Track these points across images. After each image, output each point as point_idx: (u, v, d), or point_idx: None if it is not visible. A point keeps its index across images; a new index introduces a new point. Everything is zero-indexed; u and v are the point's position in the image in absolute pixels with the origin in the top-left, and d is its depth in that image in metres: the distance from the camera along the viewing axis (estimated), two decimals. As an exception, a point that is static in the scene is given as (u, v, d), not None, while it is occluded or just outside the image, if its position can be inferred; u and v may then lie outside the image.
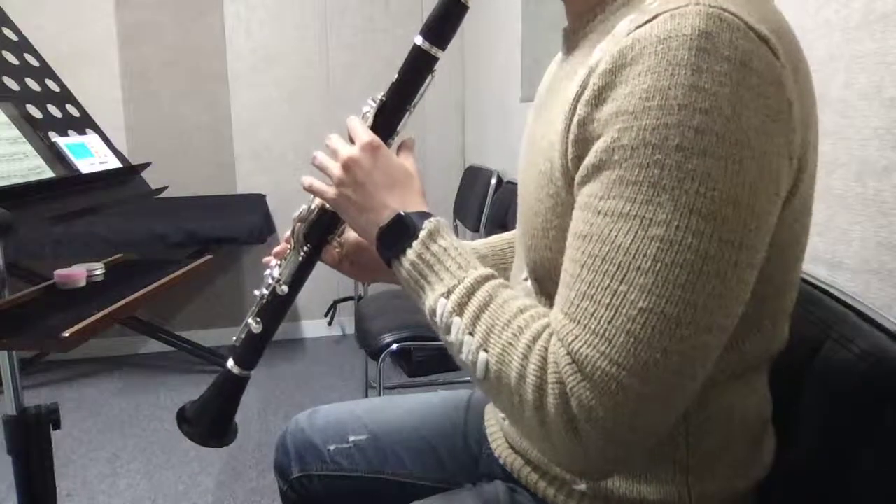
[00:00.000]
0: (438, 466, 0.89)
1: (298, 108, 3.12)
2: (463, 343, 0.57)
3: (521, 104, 2.41)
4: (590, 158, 0.52)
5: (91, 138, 1.14)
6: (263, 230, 2.74)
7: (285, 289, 0.76)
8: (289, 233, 0.78)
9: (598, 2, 0.62)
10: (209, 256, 1.28)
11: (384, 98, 0.71)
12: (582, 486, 0.67)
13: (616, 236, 0.50)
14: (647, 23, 0.50)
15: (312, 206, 0.76)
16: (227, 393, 0.81)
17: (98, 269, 1.10)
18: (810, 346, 0.69)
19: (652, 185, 0.48)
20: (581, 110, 0.53)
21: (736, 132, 0.47)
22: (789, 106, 0.50)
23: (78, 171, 1.04)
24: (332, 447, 0.93)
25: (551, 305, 0.56)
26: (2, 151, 0.94)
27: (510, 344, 0.54)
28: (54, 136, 1.05)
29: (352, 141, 0.69)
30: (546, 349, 0.53)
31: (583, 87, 0.54)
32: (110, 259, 1.18)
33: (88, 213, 1.02)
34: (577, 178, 0.55)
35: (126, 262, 1.21)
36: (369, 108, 0.72)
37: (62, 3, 2.82)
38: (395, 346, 1.79)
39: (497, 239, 0.95)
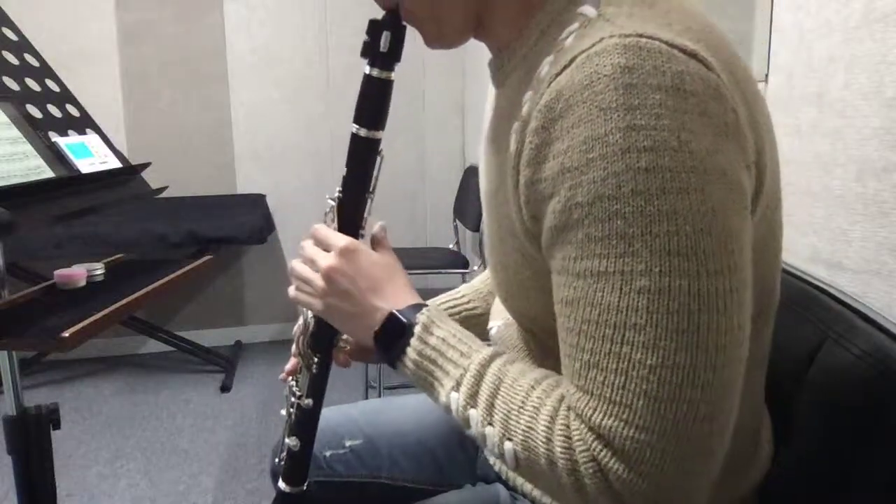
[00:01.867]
0: (436, 469, 0.89)
1: (298, 108, 3.12)
2: (486, 436, 0.55)
3: (521, 104, 2.40)
4: (549, 221, 0.51)
5: (91, 138, 1.14)
6: (263, 230, 2.74)
7: (310, 402, 0.76)
8: (294, 348, 0.78)
9: (510, 35, 0.61)
10: (209, 256, 1.28)
11: (341, 194, 0.70)
12: None
13: (602, 297, 0.47)
14: (565, 69, 0.49)
15: (309, 318, 0.75)
16: None
17: (98, 269, 1.10)
18: (810, 346, 0.69)
19: (620, 237, 0.46)
20: (524, 171, 0.52)
21: (688, 160, 0.45)
22: (735, 115, 0.48)
23: (78, 171, 1.04)
24: (328, 453, 0.92)
25: (545, 342, 0.55)
26: (2, 151, 0.94)
27: (530, 428, 0.52)
28: (54, 136, 1.05)
29: (326, 249, 0.67)
30: (567, 427, 0.50)
31: (519, 145, 0.53)
32: (110, 259, 1.18)
33: (88, 213, 1.02)
34: (544, 242, 0.53)
35: (126, 262, 1.21)
36: (330, 209, 0.71)
37: (62, 3, 2.82)
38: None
39: (479, 282, 0.94)
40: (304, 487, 0.80)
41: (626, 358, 0.47)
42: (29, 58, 1.14)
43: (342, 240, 0.66)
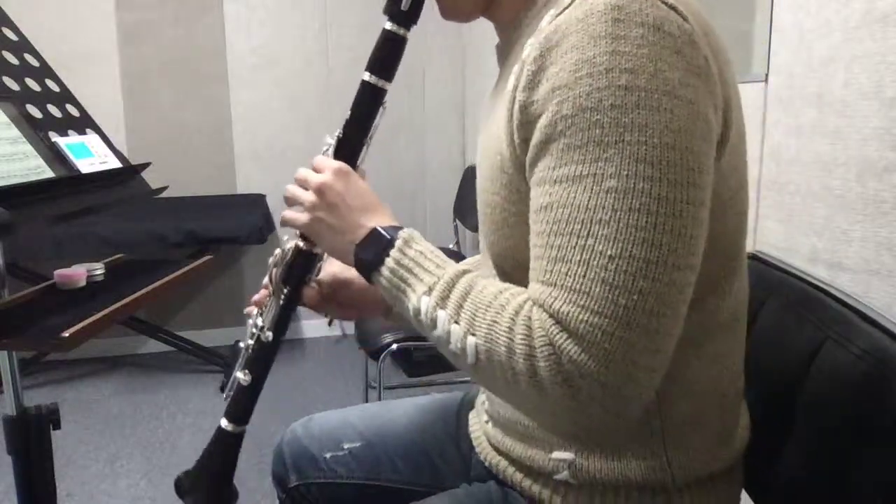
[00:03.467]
0: (432, 471, 0.90)
1: (298, 108, 3.12)
2: (450, 333, 0.59)
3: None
4: (536, 137, 0.56)
5: (91, 138, 1.13)
6: (263, 230, 2.74)
7: (269, 335, 0.77)
8: (266, 279, 0.79)
9: (522, 8, 0.67)
10: (209, 256, 1.28)
11: (341, 134, 0.74)
12: (564, 475, 0.68)
13: (574, 197, 0.53)
14: (564, 10, 0.56)
15: (286, 249, 0.77)
16: (223, 452, 0.80)
17: (98, 269, 1.10)
18: (810, 346, 0.69)
19: (597, 143, 0.52)
20: (520, 97, 0.58)
21: (661, 84, 0.52)
22: (706, 61, 0.55)
23: (78, 171, 1.04)
24: (328, 455, 0.93)
25: (517, 280, 0.59)
26: (2, 151, 0.94)
27: (494, 322, 0.56)
28: (54, 136, 1.05)
29: (320, 172, 0.71)
30: (530, 318, 0.55)
31: (517, 78, 0.58)
32: (110, 259, 1.18)
33: (88, 213, 1.02)
34: (528, 159, 0.58)
35: (126, 262, 1.21)
36: (328, 147, 0.75)
37: (62, 3, 2.82)
38: (394, 346, 1.79)
39: (473, 260, 0.96)
40: (244, 429, 0.79)
41: (588, 249, 0.52)
42: (29, 58, 1.14)
43: (336, 162, 0.72)
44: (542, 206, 0.56)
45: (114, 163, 1.13)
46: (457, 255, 2.87)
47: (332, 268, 0.85)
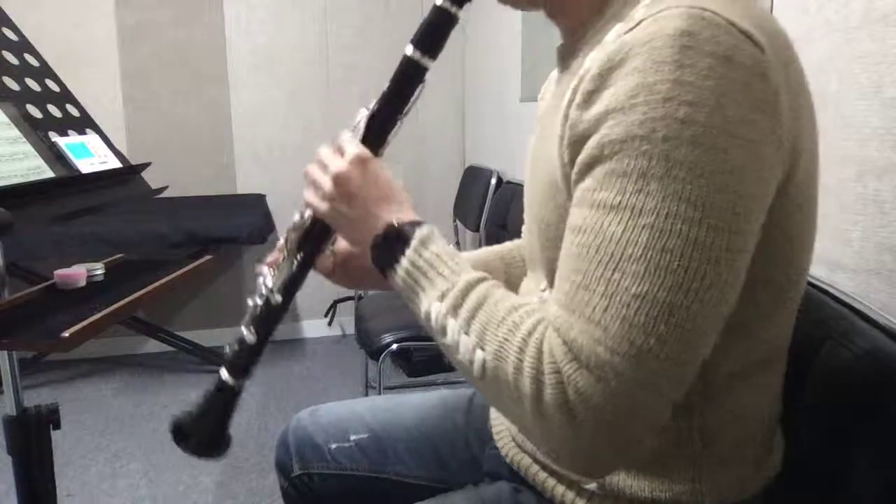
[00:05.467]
0: (440, 466, 0.89)
1: (298, 108, 3.12)
2: (459, 343, 0.58)
3: (520, 104, 2.41)
4: (583, 157, 0.54)
5: (91, 138, 1.13)
6: (263, 230, 2.73)
7: (279, 298, 0.76)
8: (282, 241, 0.78)
9: (589, 16, 0.65)
10: (209, 256, 1.28)
11: (375, 108, 0.71)
12: (592, 485, 0.67)
13: (608, 227, 0.51)
14: (632, 29, 0.53)
15: (306, 216, 0.76)
16: (221, 403, 0.80)
17: (98, 269, 1.10)
18: (810, 346, 0.69)
19: (641, 175, 0.50)
20: (573, 114, 0.55)
21: (721, 122, 0.49)
22: (775, 96, 0.51)
23: (78, 171, 1.04)
24: (333, 445, 0.93)
25: None
26: (2, 151, 0.94)
27: (506, 340, 0.55)
28: (54, 136, 1.05)
29: (342, 154, 0.70)
30: (542, 341, 0.53)
31: (574, 93, 0.56)
32: (110, 259, 1.18)
33: (88, 213, 1.02)
34: (573, 176, 0.56)
35: (126, 262, 1.21)
36: (361, 119, 0.72)
37: (62, 3, 2.81)
38: (394, 346, 1.79)
39: (483, 252, 0.95)
40: (243, 383, 0.78)
41: (614, 283, 0.50)
42: (29, 58, 1.14)
43: (358, 148, 0.69)
44: (576, 227, 0.54)
45: (114, 163, 1.13)
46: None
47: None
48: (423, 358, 1.81)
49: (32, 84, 1.10)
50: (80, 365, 2.93)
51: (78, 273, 1.06)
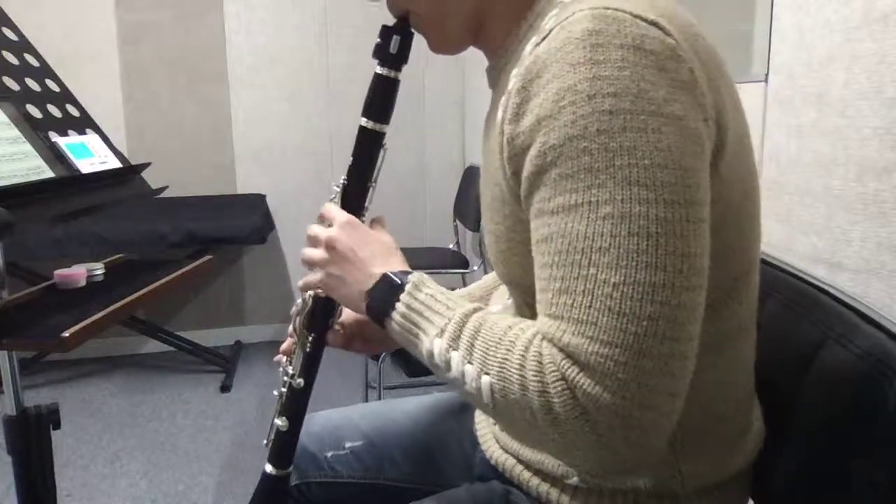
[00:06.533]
0: (435, 470, 0.90)
1: (298, 108, 3.12)
2: (465, 374, 0.58)
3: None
4: (527, 169, 0.56)
5: (91, 138, 1.14)
6: (263, 230, 2.73)
7: (301, 381, 0.79)
8: (291, 328, 0.81)
9: (505, 37, 0.68)
10: (209, 256, 1.28)
11: (345, 182, 0.76)
12: (574, 480, 0.68)
13: (572, 227, 0.52)
14: (543, 40, 0.56)
15: (307, 298, 0.79)
16: (273, 496, 0.83)
17: (98, 269, 1.10)
18: (810, 346, 0.69)
19: (587, 170, 0.52)
20: (507, 129, 0.58)
21: (646, 105, 0.51)
22: (691, 73, 0.54)
23: (78, 171, 1.04)
24: (329, 454, 0.93)
25: (534, 314, 0.58)
26: (2, 151, 0.94)
27: (506, 359, 0.55)
28: (54, 136, 1.05)
29: (329, 225, 0.73)
30: (540, 353, 0.54)
31: (504, 110, 0.58)
32: (110, 259, 1.18)
33: (88, 213, 1.02)
34: (523, 191, 0.58)
35: (126, 262, 1.21)
36: (335, 194, 0.77)
37: (62, 3, 2.82)
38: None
39: (485, 280, 0.98)
40: (290, 471, 0.82)
41: (591, 279, 0.51)
42: (29, 58, 1.14)
43: (343, 215, 0.73)
44: (543, 238, 0.55)
45: (114, 163, 1.13)
46: (457, 256, 2.87)
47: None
48: (423, 358, 1.81)
49: (32, 84, 1.10)
50: (80, 365, 2.93)
51: (78, 273, 1.06)
